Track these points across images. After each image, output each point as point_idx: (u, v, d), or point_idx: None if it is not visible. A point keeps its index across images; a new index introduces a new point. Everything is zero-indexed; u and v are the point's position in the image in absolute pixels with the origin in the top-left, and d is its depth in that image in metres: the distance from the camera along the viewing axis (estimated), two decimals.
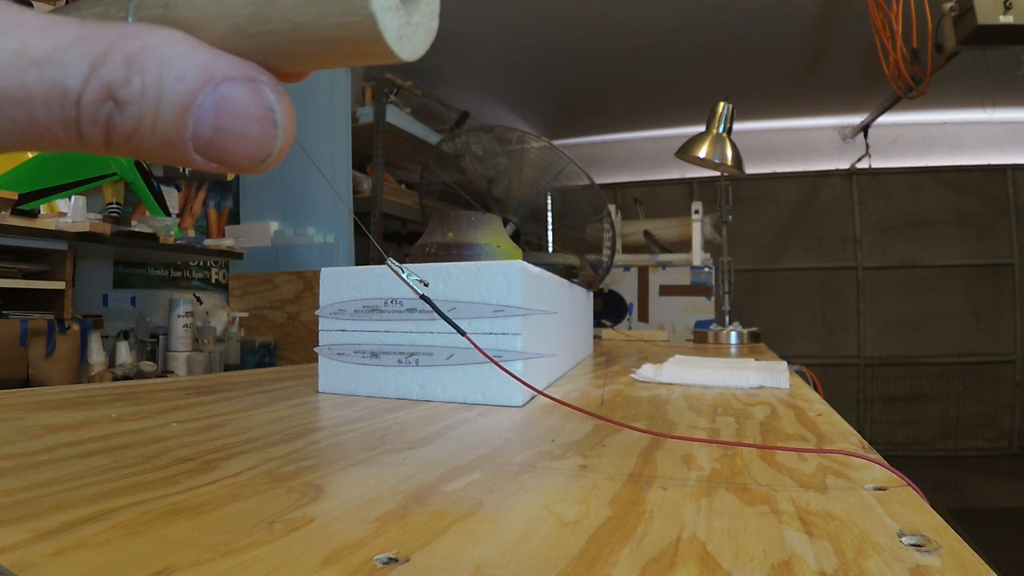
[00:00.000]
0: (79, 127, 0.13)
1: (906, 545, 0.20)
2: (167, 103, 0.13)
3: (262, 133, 0.14)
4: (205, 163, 0.14)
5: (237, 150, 0.14)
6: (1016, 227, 3.49)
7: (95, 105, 0.13)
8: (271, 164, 0.15)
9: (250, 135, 0.14)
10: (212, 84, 0.13)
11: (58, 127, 0.13)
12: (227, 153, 0.14)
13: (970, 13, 1.64)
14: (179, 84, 0.13)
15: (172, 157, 0.14)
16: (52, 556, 0.18)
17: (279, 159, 0.15)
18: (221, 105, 0.14)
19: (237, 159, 0.14)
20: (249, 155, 0.14)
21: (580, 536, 0.20)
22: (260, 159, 0.14)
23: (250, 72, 0.14)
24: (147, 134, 0.13)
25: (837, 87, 3.18)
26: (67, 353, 1.42)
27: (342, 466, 0.29)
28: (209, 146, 0.14)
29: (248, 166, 0.14)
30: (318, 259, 2.15)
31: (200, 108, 0.13)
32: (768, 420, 0.43)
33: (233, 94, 0.14)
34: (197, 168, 0.14)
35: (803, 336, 3.76)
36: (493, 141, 1.19)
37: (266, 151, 0.14)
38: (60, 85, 0.13)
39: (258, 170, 0.15)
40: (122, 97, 0.13)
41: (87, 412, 0.42)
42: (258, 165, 0.14)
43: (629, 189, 4.02)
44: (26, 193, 1.60)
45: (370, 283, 0.54)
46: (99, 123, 0.13)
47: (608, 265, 1.29)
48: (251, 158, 0.14)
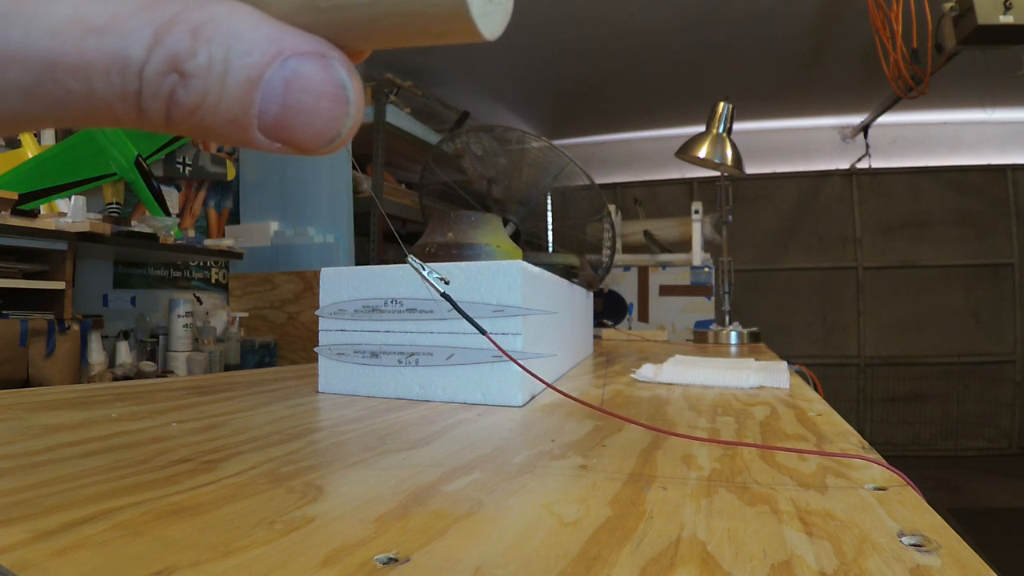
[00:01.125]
0: (140, 100, 0.12)
1: (906, 545, 0.20)
2: (234, 77, 0.12)
3: (333, 111, 0.13)
4: (268, 143, 0.13)
5: (305, 129, 0.13)
6: (1016, 227, 3.49)
7: (159, 77, 0.12)
8: (339, 145, 0.14)
9: (320, 113, 0.13)
10: (281, 59, 0.13)
11: (117, 100, 0.12)
12: (294, 132, 0.13)
13: (970, 13, 1.64)
14: (247, 58, 0.13)
15: (234, 136, 0.13)
16: (52, 556, 0.18)
17: (348, 139, 0.14)
18: (291, 81, 0.13)
19: (304, 138, 0.13)
20: (317, 134, 0.13)
21: (580, 536, 0.20)
22: (329, 139, 0.14)
23: (320, 47, 0.13)
24: (210, 110, 0.13)
25: (837, 87, 3.18)
26: (67, 353, 1.42)
27: (342, 466, 0.29)
28: (275, 124, 0.13)
29: (314, 146, 0.14)
30: (318, 259, 2.15)
31: (268, 84, 0.13)
32: (768, 420, 0.43)
33: (303, 70, 0.13)
34: (258, 148, 0.14)
35: (803, 336, 3.76)
36: (493, 141, 1.19)
37: (336, 130, 0.13)
38: (122, 54, 0.12)
39: (324, 151, 0.14)
40: (187, 69, 0.12)
41: (87, 412, 0.42)
42: (326, 145, 0.14)
43: (629, 189, 4.02)
44: (26, 193, 1.60)
45: (370, 283, 0.54)
46: (161, 97, 0.12)
47: (608, 265, 1.29)
48: (319, 137, 0.13)
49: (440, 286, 0.38)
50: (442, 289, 0.38)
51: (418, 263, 0.39)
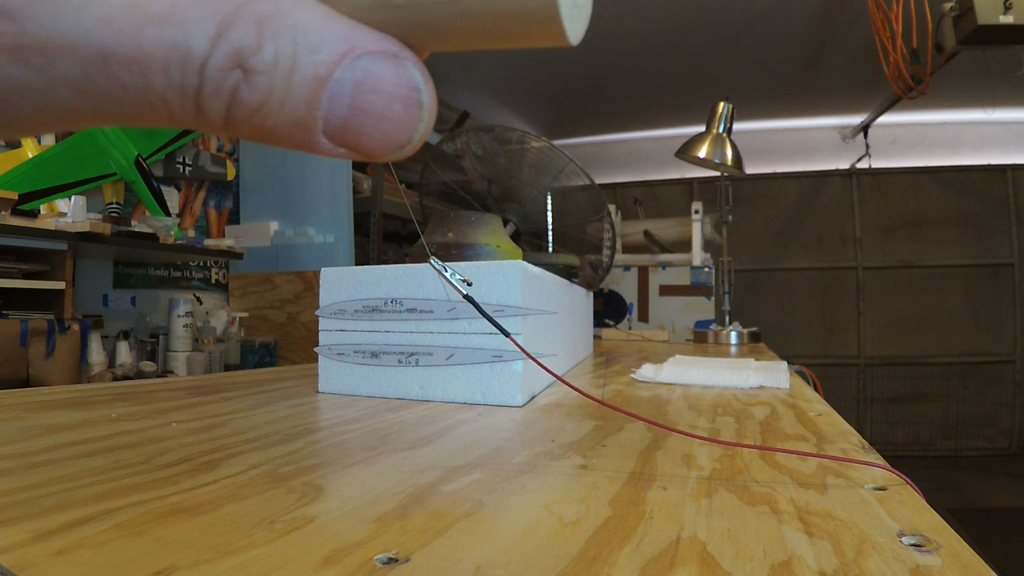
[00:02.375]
0: (199, 98, 0.12)
1: (906, 545, 0.20)
2: (301, 76, 0.12)
3: (405, 115, 0.12)
4: (331, 148, 0.13)
5: (374, 134, 0.12)
6: (1016, 227, 3.49)
7: (221, 73, 0.11)
8: (409, 151, 0.13)
9: (392, 117, 0.12)
10: (351, 57, 0.12)
11: (175, 97, 0.11)
12: (361, 137, 0.12)
13: (970, 13, 1.64)
14: (315, 55, 0.12)
15: (296, 139, 0.12)
16: (52, 556, 0.18)
17: (418, 145, 0.13)
18: (361, 82, 0.12)
19: (372, 144, 0.12)
20: (387, 140, 0.12)
21: (580, 536, 0.20)
22: (399, 144, 0.13)
23: (393, 47, 0.12)
24: (274, 111, 0.12)
25: (837, 87, 3.18)
26: (67, 353, 1.42)
27: (342, 466, 0.29)
28: (342, 128, 0.12)
29: (382, 152, 0.13)
30: (318, 259, 2.15)
31: (336, 84, 0.12)
32: (768, 420, 0.43)
33: (375, 70, 0.12)
34: (320, 153, 0.13)
35: (803, 336, 3.76)
36: (493, 141, 1.19)
37: (407, 135, 0.13)
38: (183, 47, 0.11)
39: (393, 157, 0.13)
40: (252, 65, 0.11)
41: (87, 412, 0.42)
42: (395, 151, 0.13)
43: (629, 189, 4.02)
44: (26, 193, 1.60)
45: (370, 283, 0.54)
46: (223, 95, 0.11)
47: (608, 265, 1.29)
48: (389, 142, 0.13)
49: (463, 288, 0.38)
50: (464, 291, 0.38)
51: (440, 264, 0.39)
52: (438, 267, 0.39)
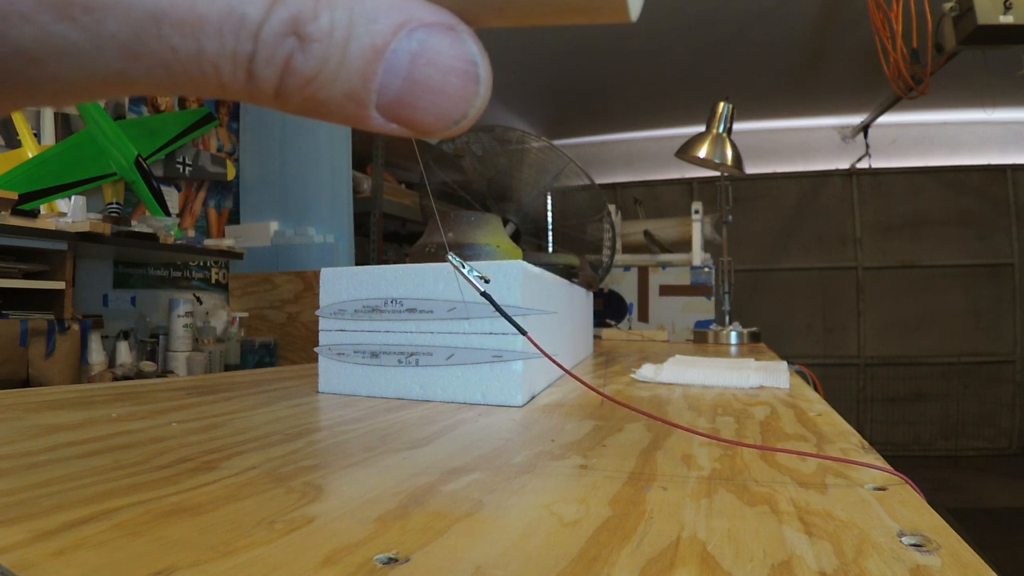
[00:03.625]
0: (252, 66, 0.11)
1: (906, 545, 0.20)
2: (357, 45, 0.11)
3: (462, 89, 0.12)
4: (383, 124, 0.12)
5: (429, 108, 0.12)
6: (1016, 227, 3.49)
7: (276, 40, 0.11)
8: (464, 126, 0.13)
9: (448, 91, 0.12)
10: (408, 29, 0.12)
11: (227, 64, 0.11)
12: (416, 111, 0.12)
13: (970, 13, 1.64)
14: (372, 25, 0.11)
15: (347, 112, 0.12)
16: (52, 556, 0.18)
17: (473, 121, 0.13)
18: (417, 54, 0.12)
19: (426, 119, 0.12)
20: (442, 114, 0.12)
21: (580, 536, 0.20)
22: (454, 120, 0.12)
23: (449, 19, 0.12)
24: (327, 82, 0.11)
25: (837, 87, 3.18)
26: (67, 353, 1.43)
27: (342, 466, 0.29)
28: (396, 102, 0.12)
29: (436, 128, 0.12)
30: (318, 259, 2.15)
31: (393, 55, 0.11)
32: (768, 420, 0.43)
33: (432, 42, 0.12)
34: (371, 129, 0.12)
35: (803, 336, 3.76)
36: (493, 141, 1.19)
37: (463, 111, 0.12)
38: (238, 11, 0.11)
39: (446, 133, 0.13)
40: (308, 33, 0.11)
41: (87, 412, 0.42)
42: (449, 127, 0.12)
43: (629, 189, 4.02)
44: (26, 193, 1.60)
45: (370, 283, 0.54)
46: (276, 63, 0.11)
47: (608, 265, 1.29)
48: (443, 118, 0.12)
49: (480, 284, 0.38)
50: (482, 288, 0.38)
51: (458, 260, 0.39)
52: (456, 263, 0.39)
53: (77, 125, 1.81)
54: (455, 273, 0.47)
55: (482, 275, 0.39)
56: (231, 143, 2.39)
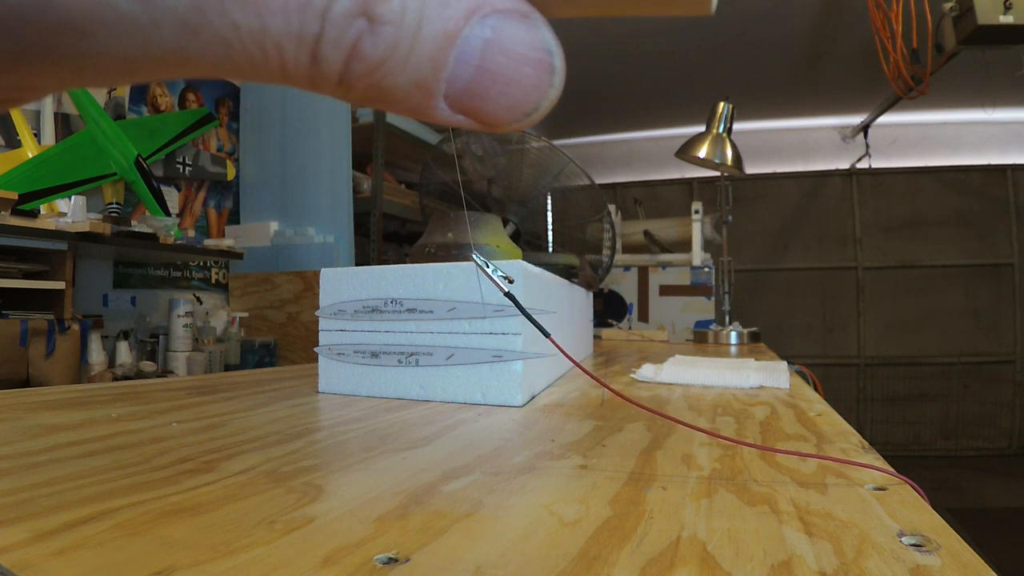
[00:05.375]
0: (317, 47, 0.10)
1: (906, 545, 0.20)
2: (429, 30, 0.11)
3: (536, 80, 0.11)
4: (449, 115, 0.11)
5: (500, 99, 0.11)
6: (1016, 227, 3.49)
7: (345, 20, 0.10)
8: (535, 119, 0.12)
9: (521, 81, 0.11)
10: (480, 15, 0.11)
11: (291, 44, 0.10)
12: (486, 102, 0.11)
13: (970, 13, 1.64)
14: (445, 9, 0.11)
15: (413, 102, 0.11)
16: (52, 556, 0.18)
17: (544, 114, 0.12)
18: (491, 41, 0.11)
19: (496, 111, 0.11)
20: (513, 106, 0.11)
21: (580, 536, 0.20)
22: (525, 112, 0.12)
23: (523, 7, 0.11)
24: (396, 68, 0.11)
25: (837, 87, 3.18)
26: (67, 353, 1.43)
27: (342, 466, 0.29)
28: (465, 91, 0.11)
29: (506, 120, 0.12)
30: (318, 259, 2.15)
31: (465, 41, 0.11)
32: (768, 420, 0.43)
33: (506, 29, 0.11)
34: (436, 120, 0.12)
35: (803, 336, 3.76)
36: (493, 141, 1.19)
37: (535, 102, 0.12)
38: None
39: (516, 126, 0.12)
40: (379, 14, 0.10)
41: (87, 412, 0.42)
42: (519, 119, 0.12)
43: (629, 189, 4.02)
44: (26, 193, 1.60)
45: (370, 283, 0.54)
46: (343, 45, 0.10)
47: (608, 265, 1.29)
48: (514, 110, 0.12)
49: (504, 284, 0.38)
50: (506, 288, 0.38)
51: (482, 260, 0.39)
52: (480, 262, 0.39)
53: (77, 125, 1.81)
54: (477, 272, 0.47)
55: (506, 275, 0.39)
56: (231, 143, 2.39)
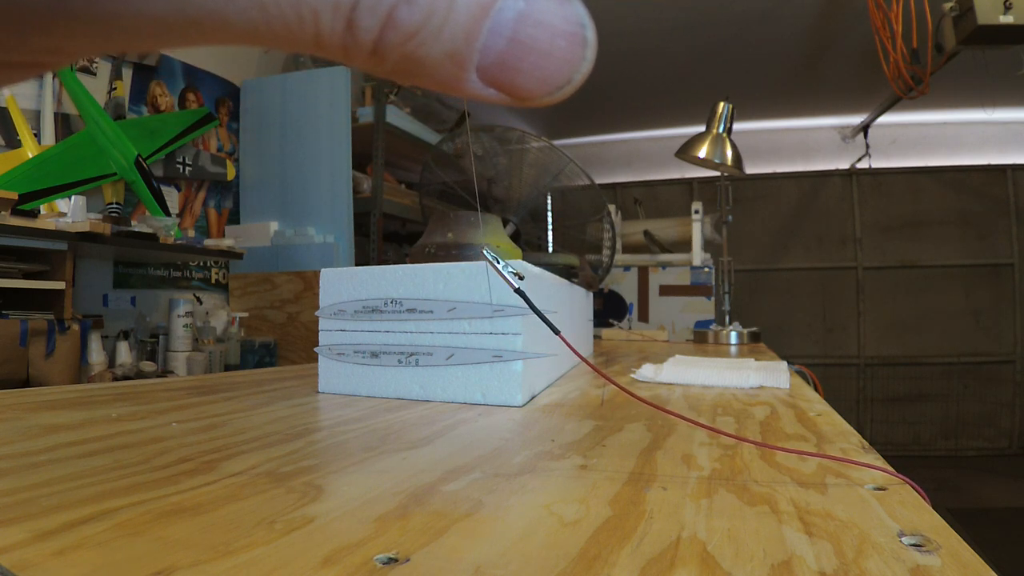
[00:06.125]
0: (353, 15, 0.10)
1: (906, 545, 0.20)
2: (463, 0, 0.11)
3: (569, 53, 0.11)
4: (480, 88, 0.11)
5: (532, 71, 0.11)
6: (1016, 227, 3.49)
7: None
8: (566, 93, 0.12)
9: (554, 53, 0.11)
10: None
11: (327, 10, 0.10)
12: (518, 75, 0.11)
13: (970, 13, 1.64)
14: None
15: (445, 75, 0.11)
16: (52, 556, 0.18)
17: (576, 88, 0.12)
18: (524, 13, 0.11)
19: (528, 83, 0.11)
20: (546, 79, 0.11)
21: (580, 536, 0.20)
22: (557, 85, 0.12)
23: None
24: (430, 38, 0.11)
25: (837, 87, 3.18)
26: (67, 353, 1.42)
27: (342, 466, 0.29)
28: (498, 63, 0.11)
29: (537, 94, 0.12)
30: (318, 259, 2.15)
31: (499, 13, 0.11)
32: (768, 420, 0.43)
33: (540, 1, 0.11)
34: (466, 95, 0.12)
35: (803, 336, 3.76)
36: (493, 141, 1.19)
37: (567, 76, 0.12)
38: None
39: (547, 100, 0.12)
40: None
41: (87, 412, 0.42)
42: (551, 93, 0.12)
43: (629, 189, 4.02)
44: (26, 193, 1.60)
45: (370, 283, 0.54)
46: (380, 13, 0.10)
47: (608, 265, 1.29)
48: (546, 83, 0.12)
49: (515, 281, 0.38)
50: (516, 284, 0.38)
51: (493, 255, 0.39)
52: (491, 258, 0.39)
53: (77, 125, 1.81)
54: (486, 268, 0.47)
55: (516, 271, 0.39)
56: (231, 143, 2.39)
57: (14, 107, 1.65)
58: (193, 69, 2.21)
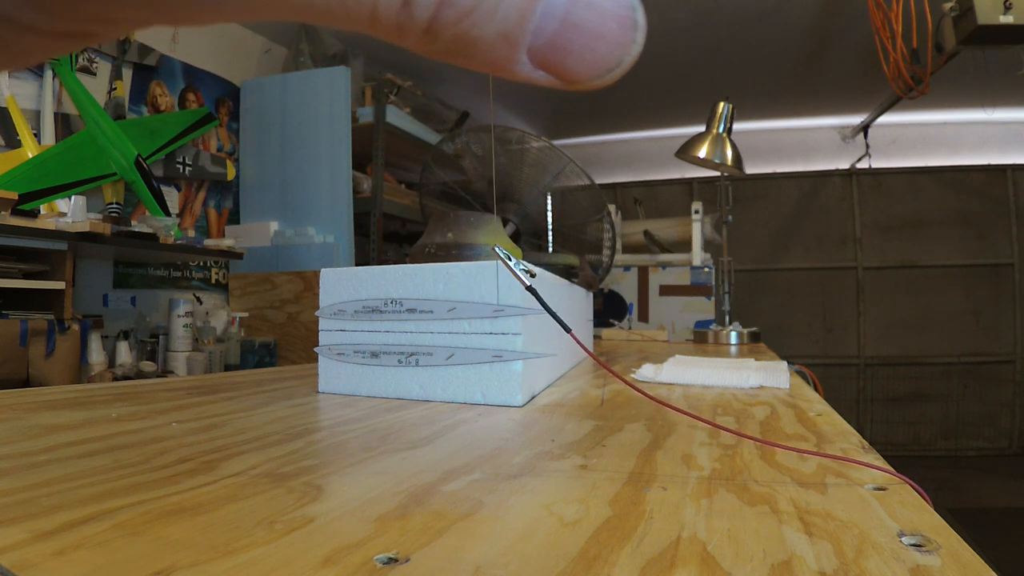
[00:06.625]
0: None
1: (906, 545, 0.20)
2: None
3: (619, 35, 0.11)
4: (529, 70, 0.11)
5: (583, 54, 0.11)
6: (1016, 227, 3.49)
7: None
8: (615, 76, 0.12)
9: (605, 36, 0.11)
10: None
11: None
12: (569, 57, 0.11)
13: (970, 13, 1.64)
14: None
15: (496, 55, 0.11)
16: (52, 556, 0.18)
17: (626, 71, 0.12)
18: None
19: (578, 66, 0.11)
20: (596, 61, 0.11)
21: (580, 536, 0.20)
22: (607, 68, 0.12)
23: None
24: (484, 17, 0.11)
25: (837, 87, 3.18)
26: (67, 353, 1.42)
27: (342, 466, 0.29)
28: (549, 45, 0.11)
29: (587, 76, 0.12)
30: (318, 259, 2.15)
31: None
32: (768, 420, 0.43)
33: None
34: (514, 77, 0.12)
35: (803, 336, 3.76)
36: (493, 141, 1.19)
37: (617, 59, 0.11)
38: None
39: (596, 83, 0.12)
40: None
41: (87, 412, 0.42)
42: (601, 76, 0.12)
43: (629, 189, 4.02)
44: (26, 193, 1.60)
45: (370, 283, 0.54)
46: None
47: (608, 265, 1.29)
48: (597, 65, 0.11)
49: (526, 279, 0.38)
50: (528, 282, 0.38)
51: (505, 253, 0.39)
52: (502, 256, 0.39)
53: (77, 125, 1.81)
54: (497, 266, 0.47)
55: (528, 269, 0.39)
56: (231, 143, 2.39)
57: (14, 107, 1.65)
58: (193, 69, 2.21)
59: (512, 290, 0.49)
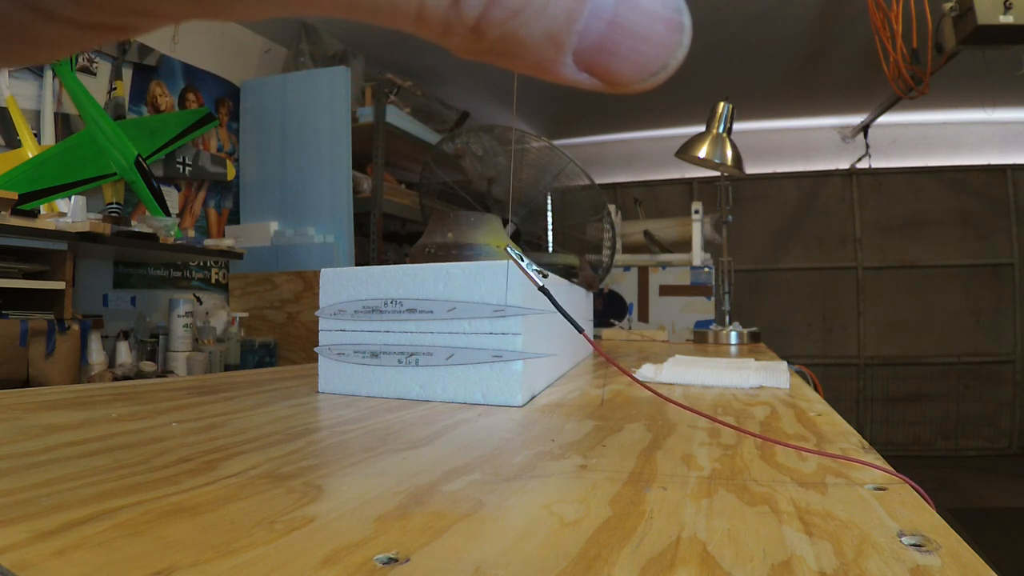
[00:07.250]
0: None
1: (906, 545, 0.20)
2: None
3: (666, 38, 0.11)
4: (573, 73, 0.11)
5: (629, 56, 0.11)
6: (1016, 227, 3.49)
7: None
8: (661, 79, 0.12)
9: (652, 38, 0.11)
10: None
11: None
12: (615, 59, 0.11)
13: (970, 13, 1.64)
14: None
15: (541, 57, 0.11)
16: (52, 556, 0.18)
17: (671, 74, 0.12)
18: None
19: (624, 68, 0.11)
20: (642, 64, 0.11)
21: (580, 536, 0.20)
22: (652, 71, 0.11)
23: None
24: (531, 17, 0.10)
25: (837, 87, 3.18)
26: (67, 353, 1.43)
27: (342, 466, 0.29)
28: (596, 47, 0.11)
29: (633, 79, 0.11)
30: (318, 259, 2.15)
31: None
32: (768, 420, 0.43)
33: None
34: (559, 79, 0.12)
35: (803, 336, 3.76)
36: (493, 141, 1.19)
37: (663, 61, 0.11)
38: None
39: (641, 86, 0.12)
40: None
41: (87, 412, 0.42)
42: (646, 79, 0.12)
43: (629, 189, 4.02)
44: (26, 193, 1.60)
45: (370, 283, 0.54)
46: None
47: (608, 265, 1.29)
48: (643, 68, 0.11)
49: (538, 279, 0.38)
50: (540, 282, 0.38)
51: (517, 254, 0.39)
52: (514, 256, 0.39)
53: (77, 125, 1.81)
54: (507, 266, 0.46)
55: (540, 269, 0.39)
56: (231, 143, 2.39)
57: (14, 107, 1.65)
58: (193, 69, 2.21)
59: (513, 290, 0.49)
